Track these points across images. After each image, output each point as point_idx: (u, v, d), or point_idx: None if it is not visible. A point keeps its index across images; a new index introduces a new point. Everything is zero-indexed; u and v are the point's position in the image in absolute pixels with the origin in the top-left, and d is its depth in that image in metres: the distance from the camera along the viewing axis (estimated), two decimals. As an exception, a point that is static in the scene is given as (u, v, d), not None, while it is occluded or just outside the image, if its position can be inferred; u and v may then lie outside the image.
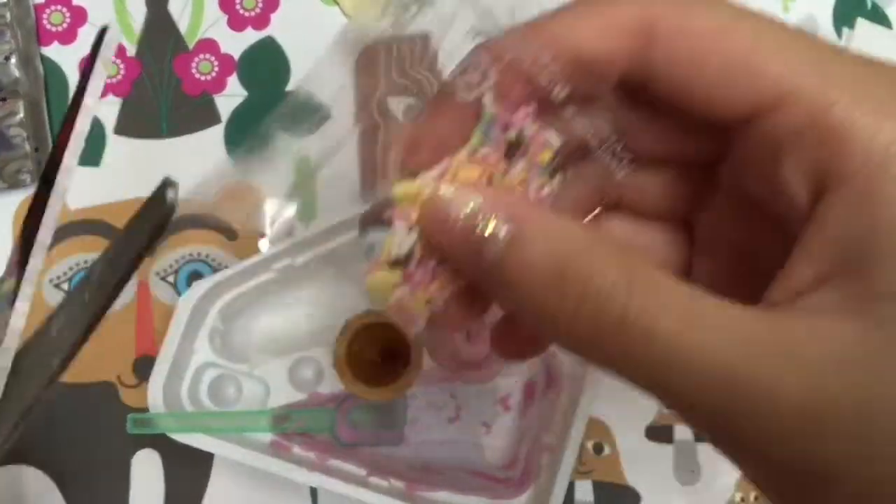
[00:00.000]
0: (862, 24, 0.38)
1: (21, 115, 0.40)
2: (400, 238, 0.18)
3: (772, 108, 0.15)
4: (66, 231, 0.41)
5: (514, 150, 0.18)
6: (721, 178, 0.18)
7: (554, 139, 0.18)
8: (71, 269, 0.41)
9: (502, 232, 0.15)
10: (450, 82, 0.17)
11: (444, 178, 0.17)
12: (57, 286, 0.41)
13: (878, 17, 0.42)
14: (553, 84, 0.16)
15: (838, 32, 0.41)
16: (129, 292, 0.41)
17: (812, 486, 0.14)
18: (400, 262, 0.18)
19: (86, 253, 0.41)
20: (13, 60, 0.41)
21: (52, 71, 0.42)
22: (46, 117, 0.42)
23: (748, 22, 0.15)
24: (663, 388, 0.14)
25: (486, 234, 0.15)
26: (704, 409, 0.14)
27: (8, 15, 0.41)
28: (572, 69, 0.16)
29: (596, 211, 0.20)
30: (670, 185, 0.19)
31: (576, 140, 0.18)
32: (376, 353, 0.35)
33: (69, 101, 0.42)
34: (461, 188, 0.17)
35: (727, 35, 0.15)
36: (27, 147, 0.40)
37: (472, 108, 0.17)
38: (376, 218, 0.18)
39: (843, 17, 0.42)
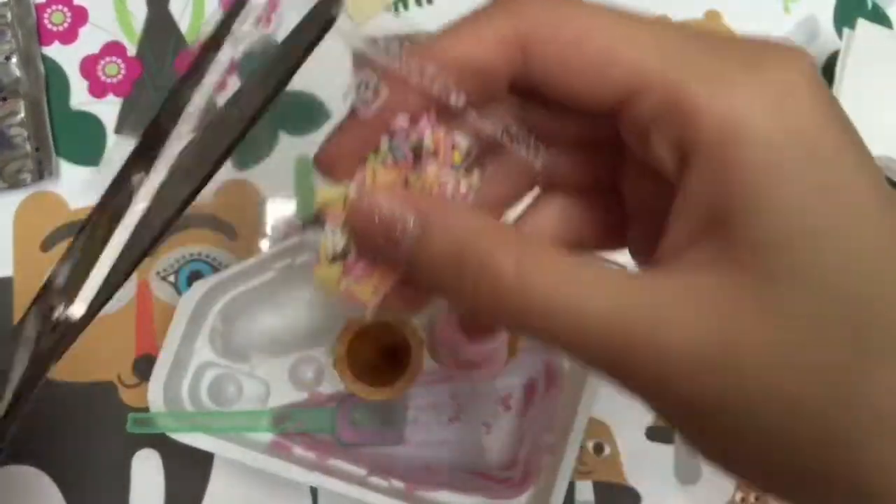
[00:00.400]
0: (863, 24, 0.38)
1: (22, 114, 0.40)
2: (333, 237, 0.21)
3: (633, 96, 0.17)
4: (66, 231, 0.41)
5: (419, 155, 0.20)
6: (625, 152, 0.20)
7: (462, 140, 0.20)
8: (71, 268, 0.41)
9: (412, 228, 0.18)
10: (352, 102, 0.20)
11: (363, 184, 0.20)
12: (57, 286, 0.41)
13: (879, 18, 0.42)
14: (447, 93, 0.19)
15: (839, 33, 0.41)
16: (129, 291, 0.41)
17: (695, 419, 0.17)
18: (338, 258, 0.21)
19: (86, 252, 0.41)
20: (14, 60, 0.41)
21: (53, 70, 0.42)
22: (47, 117, 0.42)
23: (606, 21, 0.17)
24: (555, 339, 0.17)
25: (400, 232, 0.18)
26: (587, 355, 0.17)
27: (9, 14, 0.41)
28: (462, 79, 0.18)
29: (535, 192, 0.22)
30: (588, 163, 0.21)
31: (487, 139, 0.20)
32: (376, 353, 0.35)
33: (69, 100, 0.42)
34: (379, 192, 0.20)
35: (587, 38, 0.17)
36: (28, 147, 0.40)
37: (376, 121, 0.20)
38: (316, 219, 0.21)
39: (844, 17, 0.42)
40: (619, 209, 0.21)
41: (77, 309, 0.19)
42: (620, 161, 0.20)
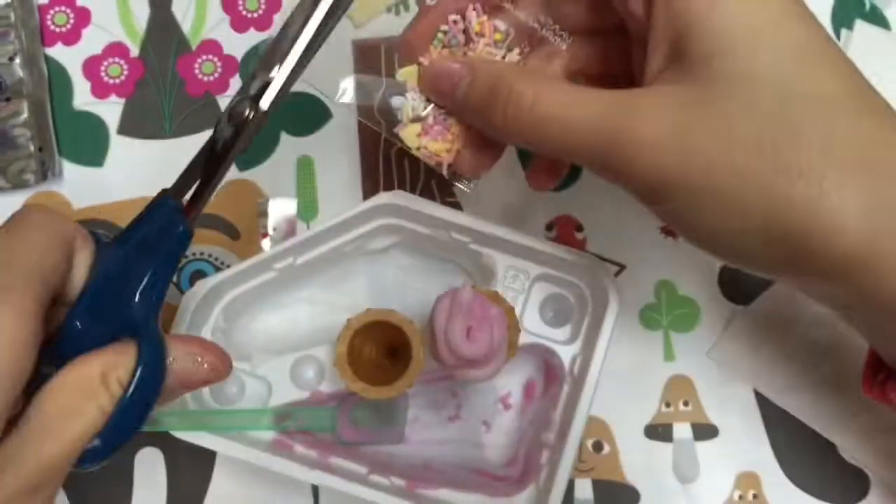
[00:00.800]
0: (860, 25, 0.38)
1: (25, 115, 0.41)
2: (413, 102, 0.29)
3: None
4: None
5: (469, 38, 0.29)
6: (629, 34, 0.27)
7: (501, 24, 0.28)
8: (74, 268, 0.41)
9: (464, 75, 0.27)
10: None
11: (430, 58, 0.29)
12: (60, 285, 0.41)
13: (877, 19, 0.42)
14: None
15: (837, 34, 0.42)
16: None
17: (666, 196, 0.23)
18: (419, 119, 0.29)
19: (89, 252, 0.41)
20: (17, 61, 0.41)
21: (56, 71, 0.43)
22: (51, 118, 0.42)
23: None
24: (563, 144, 0.24)
25: (457, 78, 0.27)
26: (587, 153, 0.24)
27: (12, 16, 0.41)
28: None
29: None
30: (602, 45, 0.29)
31: (522, 25, 0.28)
32: (377, 352, 0.35)
33: (72, 101, 0.42)
34: (442, 59, 0.29)
35: None
36: (31, 147, 0.41)
37: (437, 14, 0.29)
38: (398, 90, 0.30)
39: (842, 18, 0.42)
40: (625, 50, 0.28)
41: (264, 104, 0.27)
42: (627, 42, 0.27)
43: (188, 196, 0.27)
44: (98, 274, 0.25)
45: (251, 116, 0.27)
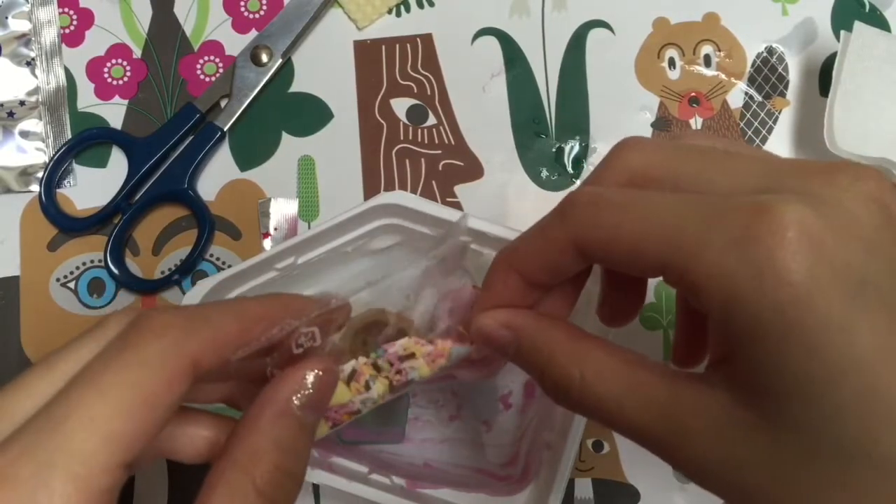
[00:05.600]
0: (859, 26, 0.38)
1: (39, 119, 0.41)
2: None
3: (660, 271, 0.20)
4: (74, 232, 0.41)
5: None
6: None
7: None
8: (77, 268, 0.41)
9: (511, 345, 0.24)
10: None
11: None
12: (63, 285, 0.41)
13: (876, 20, 0.42)
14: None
15: (836, 35, 0.42)
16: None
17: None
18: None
19: (92, 252, 0.41)
20: (36, 65, 0.42)
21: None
22: (68, 124, 0.42)
23: (634, 216, 0.21)
24: (610, 427, 0.22)
25: (506, 348, 0.25)
26: (633, 439, 0.22)
27: (32, 20, 0.42)
28: (540, 272, 0.24)
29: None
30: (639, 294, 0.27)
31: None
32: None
33: (76, 102, 0.42)
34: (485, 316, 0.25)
35: (617, 239, 0.21)
36: (46, 153, 0.41)
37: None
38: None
39: (842, 19, 0.42)
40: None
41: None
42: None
43: None
44: None
45: None
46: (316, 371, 0.23)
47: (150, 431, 0.20)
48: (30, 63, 0.42)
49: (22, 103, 0.42)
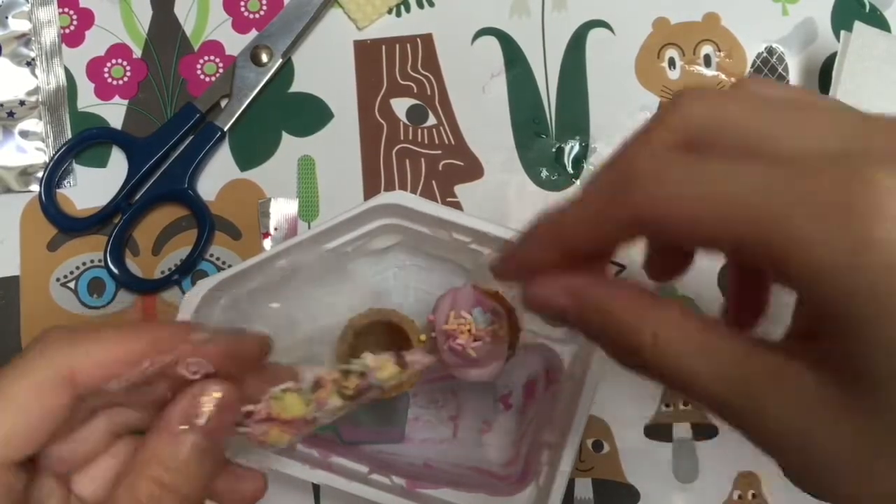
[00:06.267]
0: (859, 26, 0.38)
1: (39, 119, 0.41)
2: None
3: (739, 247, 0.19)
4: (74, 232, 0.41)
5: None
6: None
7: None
8: (77, 268, 0.41)
9: (570, 311, 0.23)
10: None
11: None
12: (63, 285, 0.41)
13: (877, 20, 0.42)
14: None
15: (837, 35, 0.42)
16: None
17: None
18: None
19: (92, 252, 0.41)
20: (36, 65, 0.42)
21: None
22: (68, 121, 0.42)
23: (709, 189, 0.19)
24: (684, 393, 0.21)
25: (565, 313, 0.23)
26: (707, 407, 0.21)
27: (32, 20, 0.42)
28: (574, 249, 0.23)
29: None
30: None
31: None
32: (376, 351, 0.35)
33: (76, 102, 0.42)
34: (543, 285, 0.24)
35: (694, 215, 0.19)
36: (46, 152, 0.41)
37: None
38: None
39: (842, 19, 0.42)
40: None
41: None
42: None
43: None
44: None
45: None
46: (213, 394, 0.24)
47: (26, 433, 0.22)
48: (30, 63, 0.42)
49: (22, 103, 0.42)
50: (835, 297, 0.17)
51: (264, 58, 0.42)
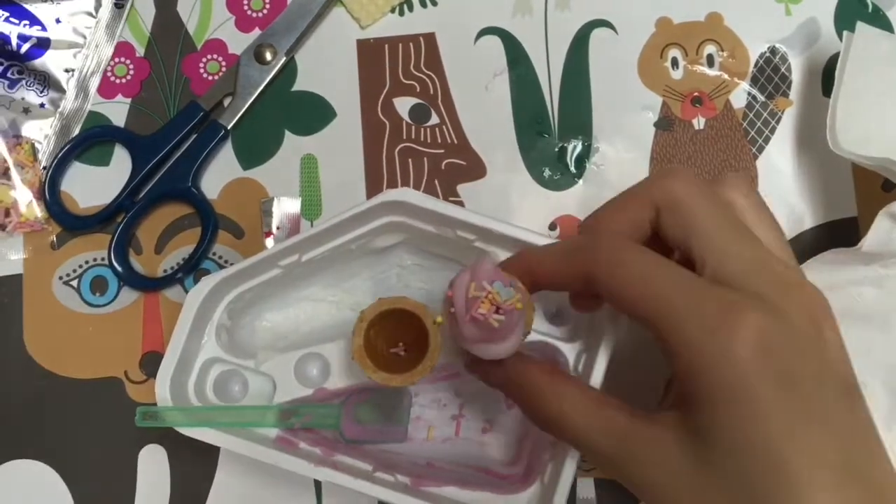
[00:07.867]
0: (862, 27, 0.38)
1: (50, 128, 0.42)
2: None
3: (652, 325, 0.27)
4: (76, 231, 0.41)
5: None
6: None
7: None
8: (80, 266, 0.41)
9: (497, 374, 0.32)
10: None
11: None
12: (66, 283, 0.41)
13: (880, 20, 0.42)
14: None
15: (840, 35, 0.42)
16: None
17: None
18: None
19: (94, 251, 0.41)
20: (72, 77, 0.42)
21: (63, 71, 0.43)
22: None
23: (642, 277, 0.26)
24: (578, 450, 0.31)
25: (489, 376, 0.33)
26: (600, 467, 0.31)
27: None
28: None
29: None
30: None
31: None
32: (386, 348, 0.34)
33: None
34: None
35: (624, 291, 0.27)
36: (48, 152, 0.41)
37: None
38: None
39: (844, 19, 0.42)
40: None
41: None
42: None
43: None
44: None
45: None
46: None
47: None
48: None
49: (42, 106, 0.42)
50: (699, 386, 0.24)
51: (268, 56, 0.42)
